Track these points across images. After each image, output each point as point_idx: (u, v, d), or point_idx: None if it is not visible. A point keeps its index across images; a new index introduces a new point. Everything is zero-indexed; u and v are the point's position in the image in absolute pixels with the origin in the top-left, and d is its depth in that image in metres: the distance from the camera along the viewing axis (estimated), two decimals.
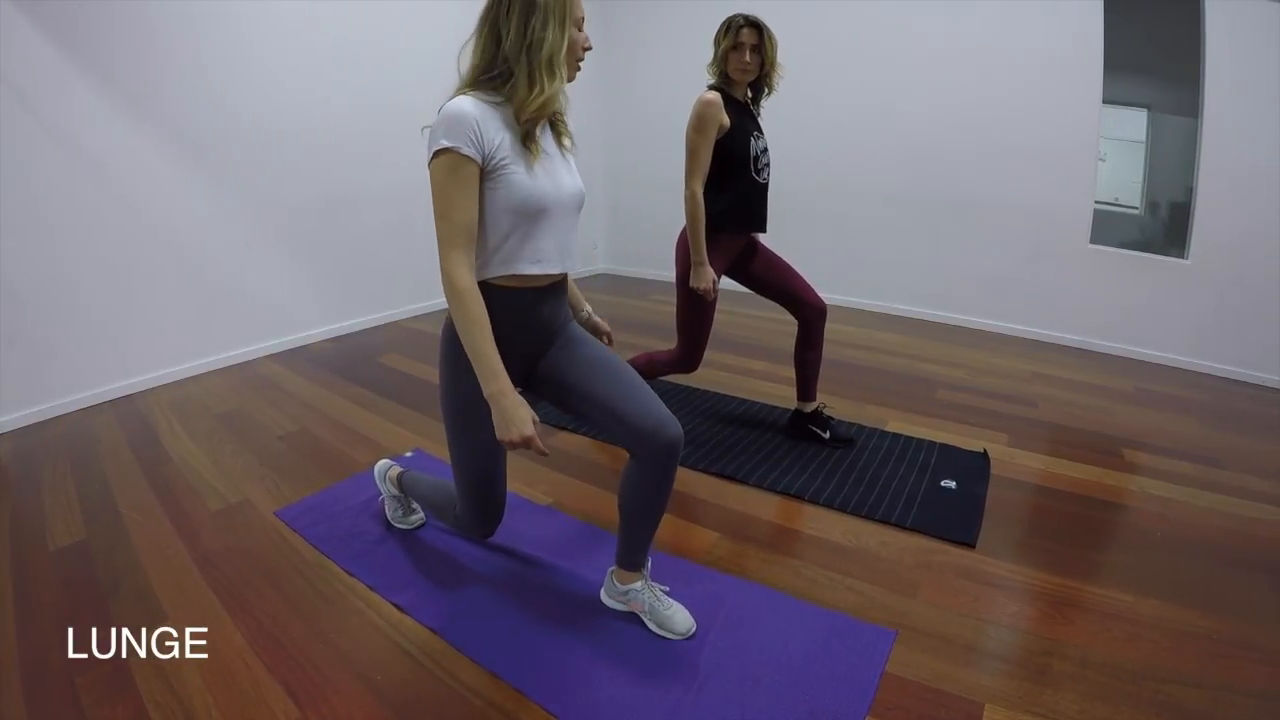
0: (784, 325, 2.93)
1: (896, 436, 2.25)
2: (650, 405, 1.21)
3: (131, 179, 2.59)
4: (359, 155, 3.39)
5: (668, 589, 1.40)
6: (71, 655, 1.25)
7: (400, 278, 3.67)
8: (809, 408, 2.23)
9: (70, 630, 1.30)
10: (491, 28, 1.12)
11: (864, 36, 3.83)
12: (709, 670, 1.25)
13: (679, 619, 1.33)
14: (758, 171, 1.98)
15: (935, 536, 1.69)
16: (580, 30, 1.19)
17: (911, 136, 3.77)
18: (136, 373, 2.69)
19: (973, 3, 3.44)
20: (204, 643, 1.29)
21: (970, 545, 1.66)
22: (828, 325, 2.16)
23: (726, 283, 2.09)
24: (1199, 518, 1.85)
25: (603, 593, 1.43)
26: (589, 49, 1.22)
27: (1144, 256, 3.27)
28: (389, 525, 1.72)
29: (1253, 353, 3.01)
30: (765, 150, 2.03)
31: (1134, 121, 3.37)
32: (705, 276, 1.93)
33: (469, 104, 1.09)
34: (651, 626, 1.35)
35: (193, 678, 1.20)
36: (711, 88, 1.95)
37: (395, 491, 1.70)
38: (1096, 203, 3.29)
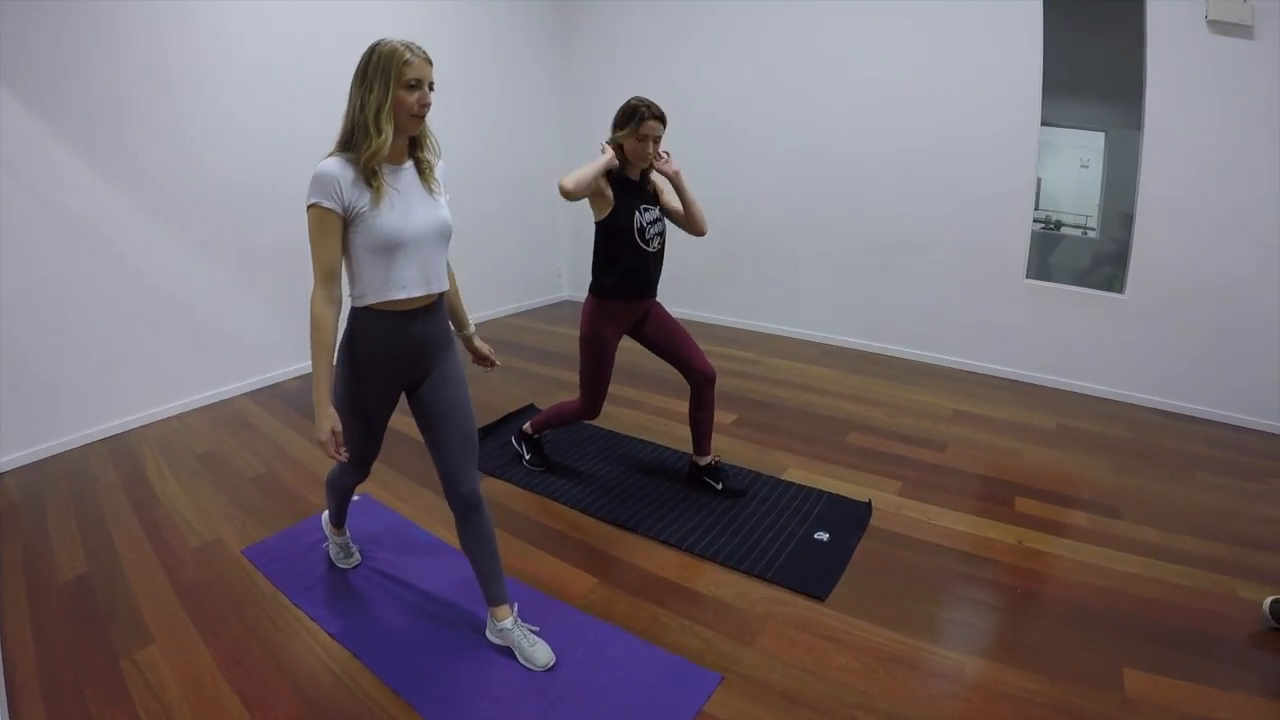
0: (711, 359, 3.47)
1: (789, 485, 2.72)
2: (459, 463, 1.77)
3: (117, 236, 3.20)
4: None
5: (537, 629, 1.92)
6: (78, 670, 1.85)
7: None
8: (703, 460, 2.71)
9: (78, 649, 1.91)
10: (348, 101, 1.60)
11: (803, 72, 4.30)
12: (557, 697, 1.76)
13: (539, 654, 1.84)
14: (645, 242, 2.42)
15: (789, 589, 2.12)
16: (414, 90, 1.57)
17: (850, 170, 4.24)
18: (128, 412, 3.36)
19: (909, 35, 3.86)
20: (181, 661, 1.87)
21: (820, 599, 2.06)
22: (762, 359, 2.65)
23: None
24: (1071, 573, 2.17)
25: (487, 630, 1.96)
26: (426, 104, 1.60)
27: (1080, 291, 3.68)
28: (331, 564, 2.30)
29: (1184, 384, 3.42)
30: (655, 221, 2.47)
31: (1093, 144, 3.74)
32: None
33: (333, 164, 1.55)
34: (519, 659, 1.86)
35: (172, 687, 1.78)
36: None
37: (335, 538, 2.29)
38: (1048, 227, 3.68)
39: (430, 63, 1.62)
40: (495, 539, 1.87)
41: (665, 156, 2.43)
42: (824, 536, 2.39)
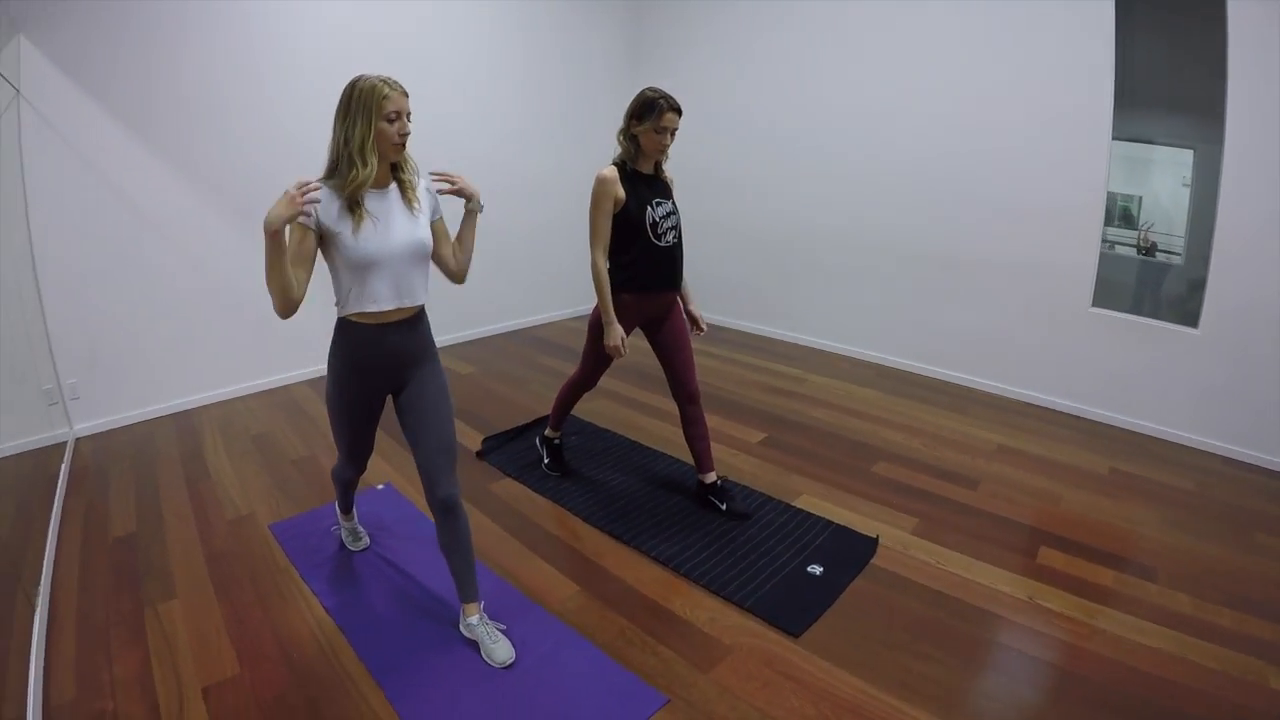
0: (754, 373, 3.44)
1: (798, 513, 2.70)
2: (434, 468, 1.92)
3: (186, 233, 3.67)
4: None
5: (504, 627, 2.07)
6: (109, 613, 2.19)
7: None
8: (708, 479, 2.74)
9: (112, 596, 2.26)
10: (332, 134, 1.80)
11: (861, 83, 4.23)
12: (508, 694, 1.88)
13: (499, 652, 1.98)
14: (658, 236, 2.48)
15: (765, 620, 2.12)
16: (394, 122, 1.74)
17: (909, 183, 4.11)
18: (195, 391, 3.87)
19: (968, 43, 3.70)
20: (195, 616, 2.18)
21: (794, 635, 2.05)
22: (809, 377, 2.63)
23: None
24: (1080, 639, 2.01)
25: (460, 624, 2.13)
26: (405, 134, 1.78)
27: (1150, 323, 3.37)
28: (342, 546, 2.56)
29: (1258, 433, 3.09)
30: (669, 215, 2.52)
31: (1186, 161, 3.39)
32: (614, 335, 2.50)
33: (320, 194, 1.74)
34: (482, 654, 2.01)
35: (182, 637, 2.08)
36: (616, 161, 2.49)
37: (344, 523, 2.54)
38: (1142, 251, 3.38)
39: (406, 95, 1.79)
40: (469, 541, 2.02)
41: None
42: (817, 570, 2.37)
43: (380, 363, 1.94)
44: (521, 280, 5.41)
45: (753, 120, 4.88)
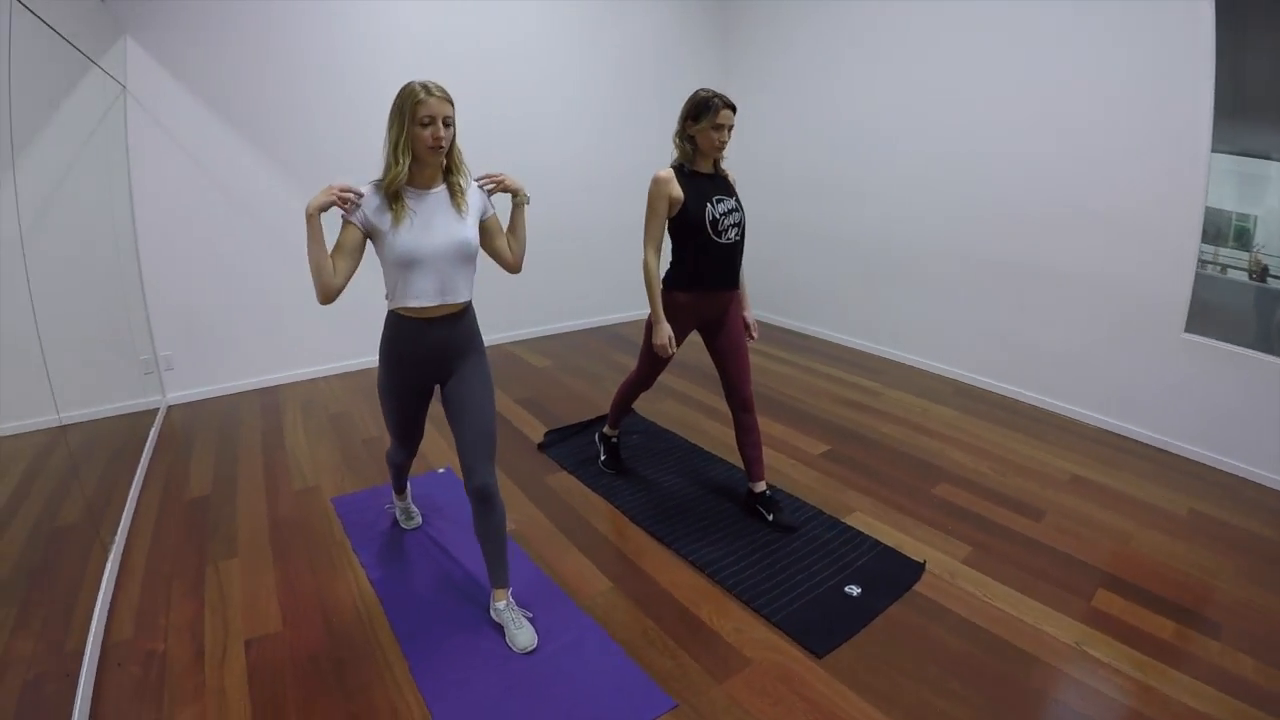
0: (829, 384, 3.36)
1: (846, 529, 2.62)
2: (472, 458, 2.00)
3: (275, 220, 3.96)
4: None
5: (531, 615, 2.13)
6: (174, 566, 2.41)
7: (504, 306, 4.78)
8: (757, 488, 2.70)
9: (180, 551, 2.50)
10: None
11: (955, 90, 4.06)
12: (523, 678, 1.94)
13: (521, 638, 2.04)
14: (718, 233, 2.45)
15: (790, 636, 2.07)
16: (428, 126, 1.81)
17: (998, 193, 3.91)
18: (282, 369, 4.18)
19: (1060, 49, 3.50)
20: (251, 575, 2.37)
21: (817, 655, 1.99)
22: (885, 391, 2.56)
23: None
24: (1123, 695, 1.85)
25: (490, 608, 2.21)
26: (439, 137, 1.82)
27: (1250, 355, 3.03)
28: (395, 524, 2.70)
29: None
30: (730, 212, 2.48)
31: None
32: (662, 333, 2.51)
33: (365, 190, 1.87)
34: (506, 638, 2.08)
35: (236, 593, 2.26)
36: (673, 164, 2.50)
37: (398, 502, 2.68)
38: (1254, 275, 3.06)
39: (448, 101, 1.86)
40: (503, 529, 2.10)
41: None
42: (855, 591, 2.29)
43: (424, 355, 2.03)
44: (606, 277, 5.50)
45: (844, 123, 4.77)
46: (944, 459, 3.23)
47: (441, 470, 3.13)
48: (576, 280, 5.36)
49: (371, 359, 4.43)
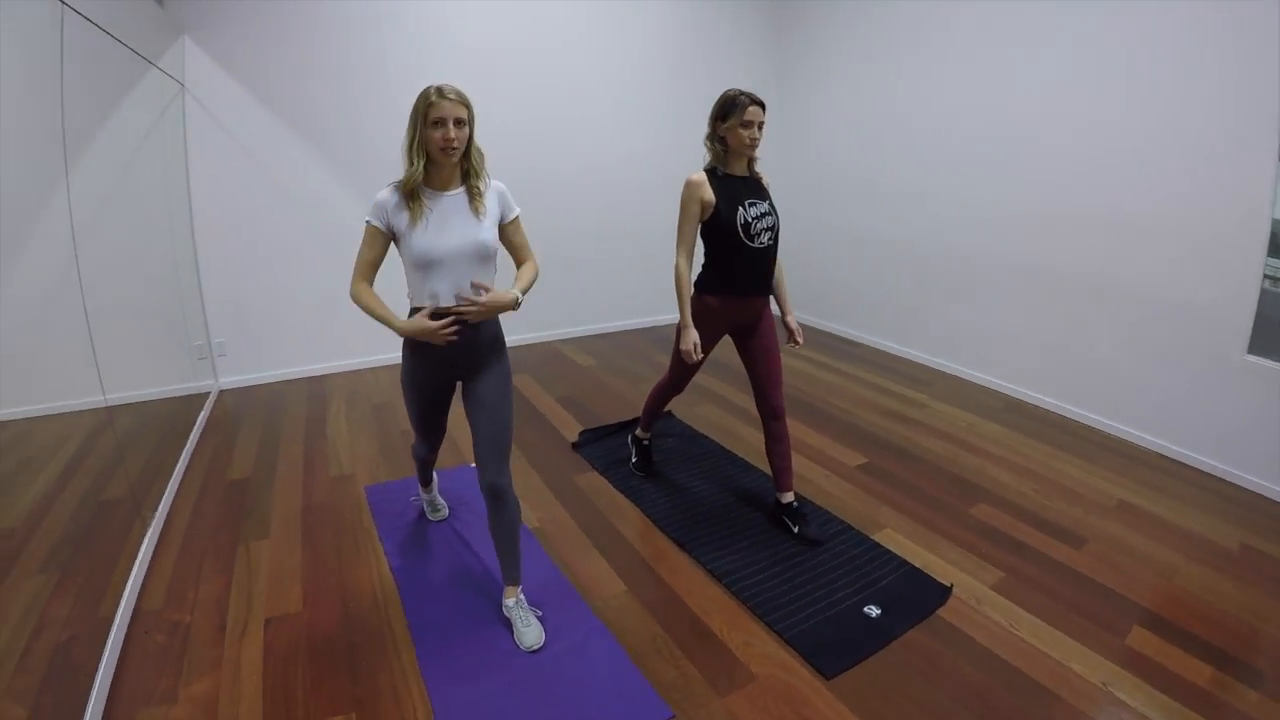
0: (875, 394, 3.28)
1: (874, 546, 2.54)
2: (486, 457, 2.03)
3: (325, 214, 4.12)
4: (530, 198, 4.77)
5: (540, 614, 2.15)
6: (208, 543, 2.54)
7: (553, 304, 4.85)
8: (784, 498, 2.65)
9: (216, 530, 2.63)
10: None
11: (1004, 90, 3.93)
12: (525, 675, 1.96)
13: (528, 636, 2.06)
14: (750, 237, 2.40)
15: (801, 655, 2.02)
16: (438, 129, 1.83)
17: (1050, 198, 3.76)
18: (328, 360, 4.34)
19: (1125, 52, 3.32)
20: (278, 557, 2.46)
21: (826, 677, 1.93)
22: (932, 404, 2.54)
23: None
24: None
25: (502, 605, 2.25)
26: (450, 139, 1.84)
27: None
28: (422, 515, 2.77)
29: None
30: (763, 215, 2.43)
31: None
32: (687, 339, 2.48)
33: (385, 191, 1.93)
34: (514, 635, 2.11)
35: (263, 573, 2.36)
36: (707, 168, 2.44)
37: (424, 495, 2.74)
38: None
39: (463, 104, 1.88)
40: (516, 527, 2.13)
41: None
42: (874, 612, 2.21)
43: (443, 353, 2.05)
44: (656, 277, 5.39)
45: (900, 125, 4.63)
46: (985, 477, 3.10)
47: (473, 465, 3.17)
48: (626, 280, 5.37)
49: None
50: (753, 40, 5.52)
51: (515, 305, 2.05)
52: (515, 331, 4.78)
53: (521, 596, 2.16)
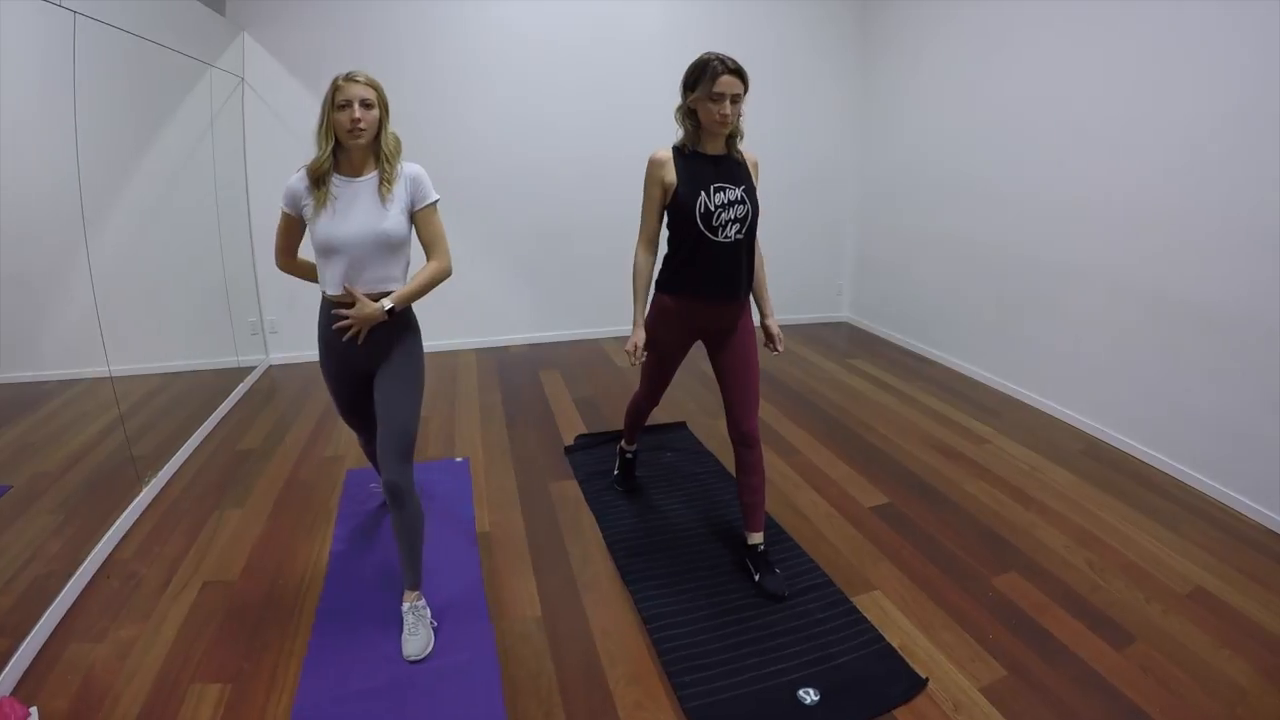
0: (932, 422, 3.25)
1: (849, 614, 2.09)
2: (385, 454, 1.94)
3: None
4: (571, 197, 4.79)
5: (436, 625, 2.03)
6: (191, 507, 2.69)
7: (604, 303, 4.77)
8: (750, 539, 2.27)
9: (203, 496, 2.78)
10: None
11: (1106, 92, 3.36)
12: (393, 685, 1.84)
13: (409, 645, 1.94)
14: (712, 229, 2.03)
15: None
16: (344, 110, 1.83)
17: (1151, 212, 3.13)
18: None
19: (1243, 53, 2.72)
20: (245, 525, 2.57)
21: None
22: (996, 439, 2.61)
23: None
24: None
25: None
26: (355, 120, 1.83)
27: None
28: (384, 504, 2.70)
29: None
30: (732, 204, 2.04)
31: None
32: (632, 338, 2.18)
33: (295, 177, 1.93)
34: (402, 641, 1.99)
35: (222, 540, 2.47)
36: (676, 145, 2.12)
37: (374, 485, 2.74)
38: None
39: (371, 86, 1.89)
40: (416, 529, 2.04)
41: None
42: (810, 697, 1.78)
43: (342, 344, 2.02)
44: None
45: (993, 130, 4.02)
46: (1029, 539, 2.49)
47: (460, 459, 3.13)
48: None
49: (445, 341, 4.72)
50: (829, 40, 5.18)
51: (385, 317, 1.96)
52: (559, 327, 5.00)
53: (419, 603, 2.05)
